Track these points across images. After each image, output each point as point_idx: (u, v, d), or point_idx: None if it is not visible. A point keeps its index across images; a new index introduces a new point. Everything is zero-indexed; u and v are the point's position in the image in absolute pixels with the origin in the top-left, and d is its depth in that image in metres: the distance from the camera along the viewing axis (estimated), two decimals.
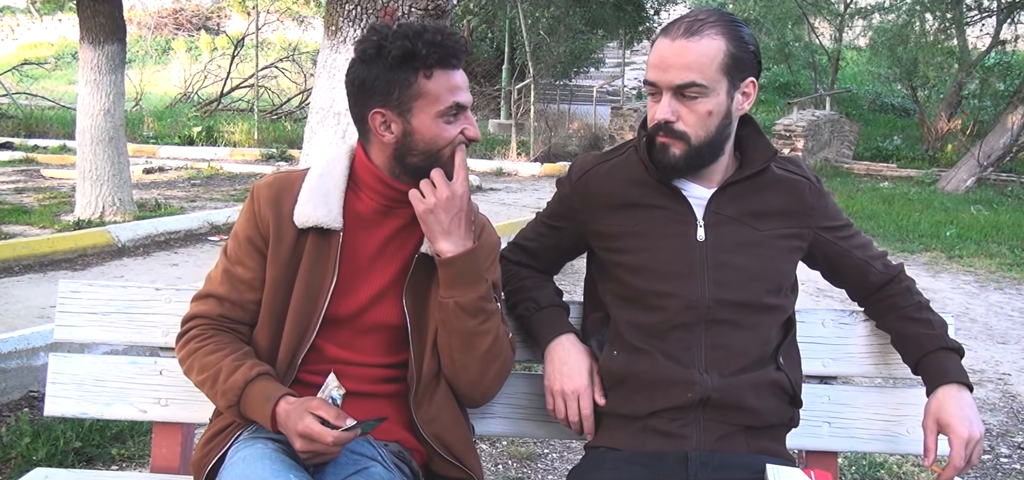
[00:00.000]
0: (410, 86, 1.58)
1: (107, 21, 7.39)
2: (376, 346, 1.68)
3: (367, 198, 1.69)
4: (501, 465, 3.26)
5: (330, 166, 1.70)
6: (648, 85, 1.62)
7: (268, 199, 1.68)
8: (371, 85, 1.59)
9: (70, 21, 19.41)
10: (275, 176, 1.73)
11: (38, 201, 8.86)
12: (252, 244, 1.68)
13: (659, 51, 1.59)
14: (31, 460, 2.92)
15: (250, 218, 1.69)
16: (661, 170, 1.64)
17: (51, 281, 5.59)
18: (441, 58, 1.58)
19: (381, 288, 1.67)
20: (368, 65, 1.59)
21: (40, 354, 3.52)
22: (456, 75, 1.62)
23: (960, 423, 1.57)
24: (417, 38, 1.56)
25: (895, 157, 15.71)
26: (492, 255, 1.76)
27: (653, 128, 1.62)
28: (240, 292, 1.68)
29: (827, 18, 18.69)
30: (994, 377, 4.52)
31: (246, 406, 1.58)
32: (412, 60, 1.57)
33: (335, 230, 1.65)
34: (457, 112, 1.63)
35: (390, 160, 1.65)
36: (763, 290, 1.65)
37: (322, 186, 1.67)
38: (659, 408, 1.63)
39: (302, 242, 1.65)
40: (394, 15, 2.87)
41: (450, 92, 1.61)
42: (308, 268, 1.65)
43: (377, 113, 1.61)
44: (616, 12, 16.74)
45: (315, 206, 1.64)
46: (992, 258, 7.66)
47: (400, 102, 1.59)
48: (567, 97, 19.76)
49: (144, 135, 15.47)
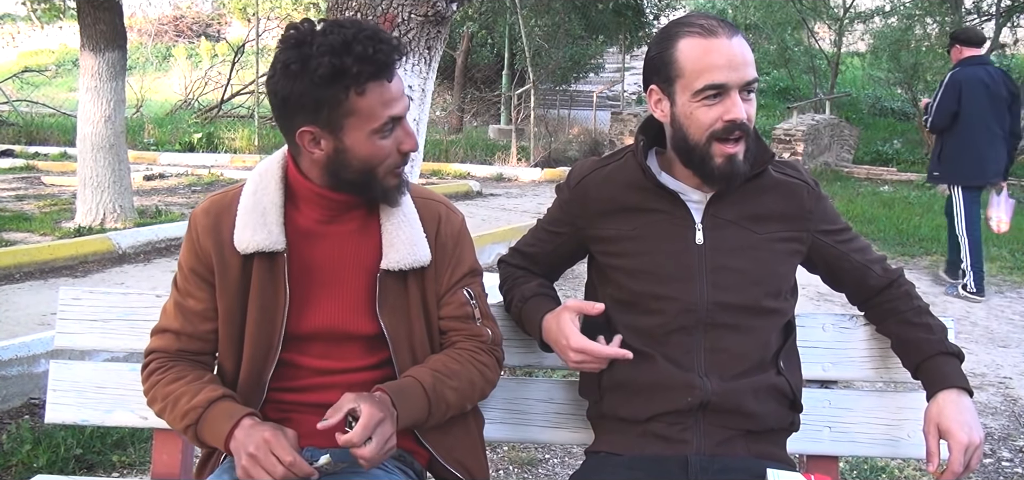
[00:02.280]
0: (340, 104, 1.47)
1: (108, 28, 7.40)
2: (356, 352, 1.63)
3: (307, 211, 1.61)
4: (502, 470, 3.26)
5: (263, 182, 1.60)
6: (711, 88, 1.53)
7: (206, 228, 1.60)
8: (297, 102, 1.47)
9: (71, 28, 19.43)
10: (210, 201, 1.64)
11: (39, 208, 8.86)
12: (198, 275, 1.61)
13: (722, 51, 1.52)
14: (32, 467, 2.92)
15: (191, 249, 1.62)
16: (724, 180, 1.59)
17: (52, 288, 5.59)
18: (374, 72, 1.46)
19: (349, 301, 1.61)
20: (293, 80, 1.46)
21: (41, 361, 3.52)
22: (391, 87, 1.50)
23: (959, 429, 1.57)
24: (346, 53, 1.44)
25: (895, 161, 15.70)
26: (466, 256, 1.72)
27: (719, 132, 1.55)
28: (194, 324, 1.62)
29: (827, 22, 18.70)
30: (995, 381, 4.52)
31: (204, 427, 1.53)
32: (341, 78, 1.45)
33: (279, 251, 1.57)
34: (393, 126, 1.52)
35: (323, 175, 1.56)
36: (762, 293, 1.65)
37: (258, 206, 1.58)
38: (659, 412, 1.63)
39: (249, 266, 1.58)
40: (394, 22, 2.88)
41: (384, 106, 1.49)
42: (259, 292, 1.58)
43: (305, 131, 1.50)
44: (616, 17, 16.75)
45: (254, 230, 1.56)
46: (993, 262, 7.64)
47: (330, 121, 1.48)
48: (567, 102, 19.77)
49: (145, 142, 15.49)
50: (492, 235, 7.25)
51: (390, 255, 1.60)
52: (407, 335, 1.63)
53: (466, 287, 1.70)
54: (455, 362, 1.64)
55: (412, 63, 2.92)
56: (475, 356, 1.67)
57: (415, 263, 1.61)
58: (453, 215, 1.73)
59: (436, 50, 2.99)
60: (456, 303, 1.68)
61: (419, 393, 1.56)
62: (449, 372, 1.62)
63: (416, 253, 1.61)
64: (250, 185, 1.61)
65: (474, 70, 21.04)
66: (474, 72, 21.05)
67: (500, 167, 14.29)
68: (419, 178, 3.23)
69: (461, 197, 10.91)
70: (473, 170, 13.87)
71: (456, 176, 13.40)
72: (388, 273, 1.60)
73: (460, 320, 1.68)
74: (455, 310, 1.68)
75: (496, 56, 20.41)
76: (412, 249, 1.61)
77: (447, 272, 1.68)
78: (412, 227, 1.62)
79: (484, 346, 1.70)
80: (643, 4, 17.46)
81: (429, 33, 2.91)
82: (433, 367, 1.61)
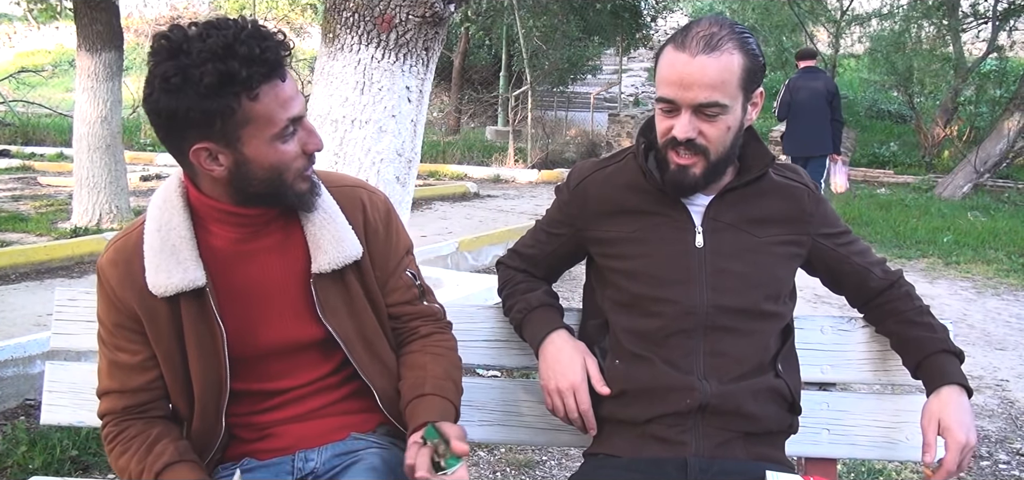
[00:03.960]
0: (233, 114, 1.34)
1: (104, 29, 7.39)
2: (312, 360, 1.59)
3: (221, 232, 1.50)
4: (499, 473, 3.26)
5: (165, 216, 1.48)
6: (663, 102, 1.56)
7: (119, 280, 1.48)
8: (184, 118, 1.33)
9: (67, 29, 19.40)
10: (114, 249, 1.50)
11: (35, 208, 8.84)
12: (125, 328, 1.50)
13: (677, 68, 1.53)
14: (27, 469, 2.91)
15: (109, 304, 1.50)
16: (677, 189, 1.62)
17: (48, 289, 5.58)
18: (265, 73, 1.35)
19: (289, 313, 1.54)
20: (175, 95, 1.32)
21: (37, 362, 3.51)
22: (285, 87, 1.38)
23: (959, 428, 1.57)
24: (230, 56, 1.31)
25: (892, 163, 15.73)
26: (399, 235, 1.67)
27: (667, 142, 1.58)
28: (132, 379, 1.51)
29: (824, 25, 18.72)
30: (992, 383, 4.52)
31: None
32: (230, 84, 1.32)
33: (201, 286, 1.46)
34: (294, 128, 1.42)
35: (228, 192, 1.44)
36: (762, 297, 1.65)
37: (166, 244, 1.46)
38: (658, 414, 1.63)
39: (177, 306, 1.47)
40: (391, 22, 2.87)
41: (282, 108, 1.38)
42: (192, 330, 1.48)
43: (200, 148, 1.38)
44: (613, 19, 16.75)
45: (169, 272, 1.44)
46: (989, 264, 7.66)
47: (225, 133, 1.36)
48: (564, 104, 19.77)
49: (141, 143, 15.44)
50: (489, 237, 7.25)
51: (319, 258, 1.52)
52: (358, 331, 1.58)
53: (407, 268, 1.66)
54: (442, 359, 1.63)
55: (409, 64, 2.92)
56: (444, 340, 1.68)
57: (347, 259, 1.54)
58: (375, 196, 1.65)
59: (433, 51, 2.99)
60: (402, 287, 1.65)
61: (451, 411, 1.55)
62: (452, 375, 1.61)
63: (345, 250, 1.54)
64: (151, 222, 1.48)
65: (471, 71, 21.03)
66: (471, 73, 21.04)
67: (497, 168, 14.30)
68: (416, 179, 3.23)
69: (458, 198, 10.90)
70: (470, 171, 13.87)
71: (453, 177, 13.40)
72: (322, 276, 1.53)
73: (410, 303, 1.66)
74: (403, 295, 1.65)
75: (494, 57, 20.41)
76: (340, 246, 1.53)
77: (385, 257, 1.62)
78: (335, 223, 1.54)
79: (441, 324, 1.70)
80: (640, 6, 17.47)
81: (427, 34, 2.91)
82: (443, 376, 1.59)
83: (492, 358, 1.92)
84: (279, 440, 1.59)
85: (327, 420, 1.61)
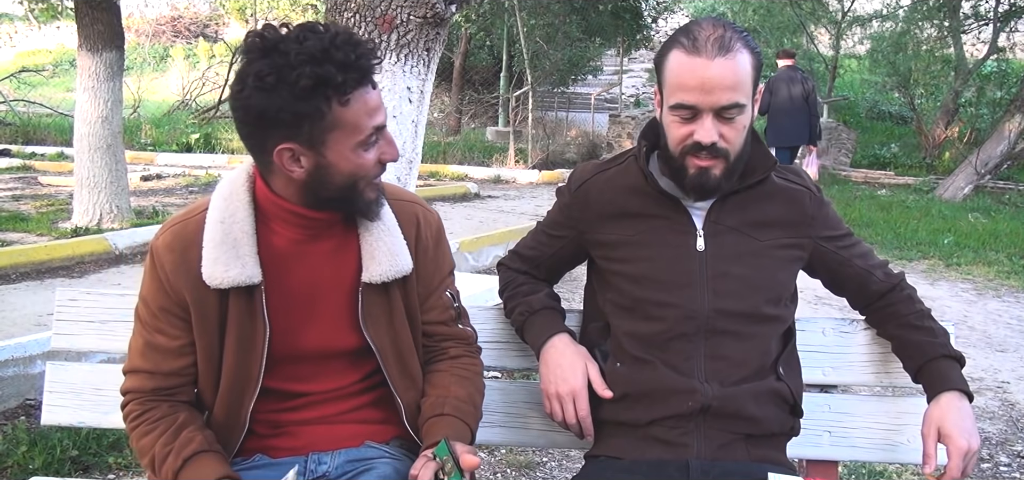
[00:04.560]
0: (323, 117, 1.36)
1: (105, 28, 7.39)
2: (342, 368, 1.59)
3: (283, 231, 1.50)
4: (500, 474, 3.25)
5: (230, 208, 1.47)
6: (683, 108, 1.54)
7: (174, 265, 1.47)
8: (274, 118, 1.34)
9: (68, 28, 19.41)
10: (172, 233, 1.50)
11: (35, 208, 8.84)
12: (169, 313, 1.49)
13: (696, 72, 1.50)
14: (28, 469, 2.91)
15: (158, 287, 1.49)
16: (699, 192, 1.60)
17: (48, 289, 5.58)
18: (358, 79, 1.36)
19: (331, 320, 1.55)
20: (268, 94, 1.33)
21: (37, 362, 3.50)
22: (374, 94, 1.40)
23: (960, 434, 1.57)
24: (327, 60, 1.32)
25: (892, 165, 15.72)
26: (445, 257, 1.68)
27: (687, 148, 1.56)
28: (167, 362, 1.51)
29: (825, 26, 18.73)
30: (993, 385, 4.52)
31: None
32: (325, 87, 1.33)
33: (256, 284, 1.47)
34: (376, 137, 1.43)
35: (300, 193, 1.45)
36: (763, 300, 1.65)
37: (228, 237, 1.45)
38: (659, 416, 1.63)
39: (226, 298, 1.47)
40: (392, 23, 2.87)
41: (369, 116, 1.40)
42: (236, 325, 1.49)
43: (285, 149, 1.38)
44: (614, 20, 16.76)
45: (227, 265, 1.44)
46: (990, 266, 7.65)
47: (312, 136, 1.37)
48: (565, 105, 19.77)
49: (142, 142, 15.45)
50: (490, 237, 7.25)
51: (371, 268, 1.53)
52: (393, 345, 1.58)
53: (447, 289, 1.67)
54: (470, 381, 1.64)
55: (411, 65, 2.92)
56: (472, 364, 1.68)
57: (397, 274, 1.54)
58: (429, 215, 1.66)
59: (434, 52, 2.99)
60: (441, 307, 1.66)
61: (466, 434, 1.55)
62: (473, 399, 1.62)
63: (398, 263, 1.54)
64: (215, 212, 1.48)
65: (472, 72, 21.04)
66: (472, 74, 21.04)
67: (498, 169, 14.29)
68: (417, 180, 3.22)
69: (459, 199, 10.90)
70: (471, 172, 13.86)
71: (454, 178, 13.39)
72: (370, 286, 1.54)
73: (445, 324, 1.67)
74: (440, 314, 1.66)
75: (494, 58, 20.42)
76: (393, 260, 1.54)
77: (429, 275, 1.63)
78: (392, 236, 1.55)
79: (471, 348, 1.71)
80: (641, 7, 17.47)
81: (428, 35, 2.91)
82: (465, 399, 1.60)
83: (493, 359, 1.92)
84: (294, 439, 1.59)
85: (345, 426, 1.61)
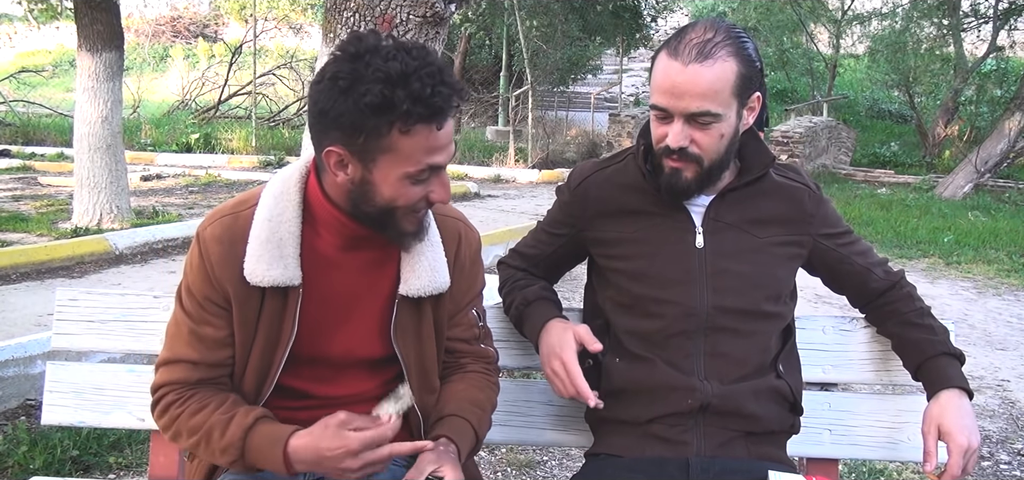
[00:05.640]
0: (380, 138, 1.34)
1: (105, 29, 7.39)
2: (362, 375, 1.58)
3: (327, 235, 1.50)
4: (500, 473, 3.26)
5: (280, 207, 1.48)
6: (656, 109, 1.56)
7: (221, 258, 1.48)
8: (335, 118, 1.34)
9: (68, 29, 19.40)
10: (222, 225, 1.50)
11: (35, 209, 8.84)
12: (214, 304, 1.50)
13: (669, 76, 1.52)
14: (28, 469, 2.91)
15: (205, 278, 1.49)
16: (670, 193, 1.61)
17: (49, 289, 5.58)
18: (425, 116, 1.33)
19: (362, 329, 1.54)
20: (337, 96, 1.33)
21: (37, 362, 3.50)
22: (440, 134, 1.36)
23: (960, 432, 1.57)
24: (401, 85, 1.30)
25: (892, 163, 15.74)
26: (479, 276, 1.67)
27: (662, 150, 1.58)
28: (215, 352, 1.51)
29: (825, 24, 18.73)
30: (993, 383, 4.52)
31: (252, 457, 1.44)
32: (389, 112, 1.31)
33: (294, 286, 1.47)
34: (429, 175, 1.40)
35: (344, 200, 1.45)
36: (762, 297, 1.65)
37: (274, 236, 1.46)
38: (659, 414, 1.63)
39: (264, 297, 1.48)
40: (392, 23, 2.87)
41: (427, 154, 1.36)
42: (267, 322, 1.49)
43: (333, 151, 1.37)
44: (613, 19, 16.77)
45: (269, 263, 1.45)
46: (990, 264, 7.66)
47: (364, 149, 1.36)
48: (565, 104, 19.79)
49: (142, 142, 15.46)
50: (490, 237, 7.25)
51: (411, 281, 1.52)
52: (419, 358, 1.58)
53: (474, 307, 1.67)
54: (480, 391, 1.63)
55: None
56: (489, 379, 1.67)
57: (436, 290, 1.54)
58: (472, 232, 1.65)
59: (434, 51, 2.99)
60: (466, 324, 1.65)
61: (470, 434, 1.55)
62: (482, 404, 1.61)
63: (437, 280, 1.53)
64: (264, 209, 1.48)
65: (472, 71, 21.06)
66: (472, 73, 21.06)
67: (498, 168, 14.30)
68: None
69: (459, 198, 10.90)
70: (471, 171, 13.87)
71: (454, 177, 13.38)
72: (405, 299, 1.53)
73: (468, 342, 1.66)
74: (464, 332, 1.65)
75: (494, 58, 20.43)
76: (433, 276, 1.53)
77: (461, 293, 1.62)
78: (434, 251, 1.54)
79: (490, 367, 1.69)
80: (641, 6, 17.48)
81: (427, 34, 2.91)
82: (472, 401, 1.59)
83: None
84: None
85: None
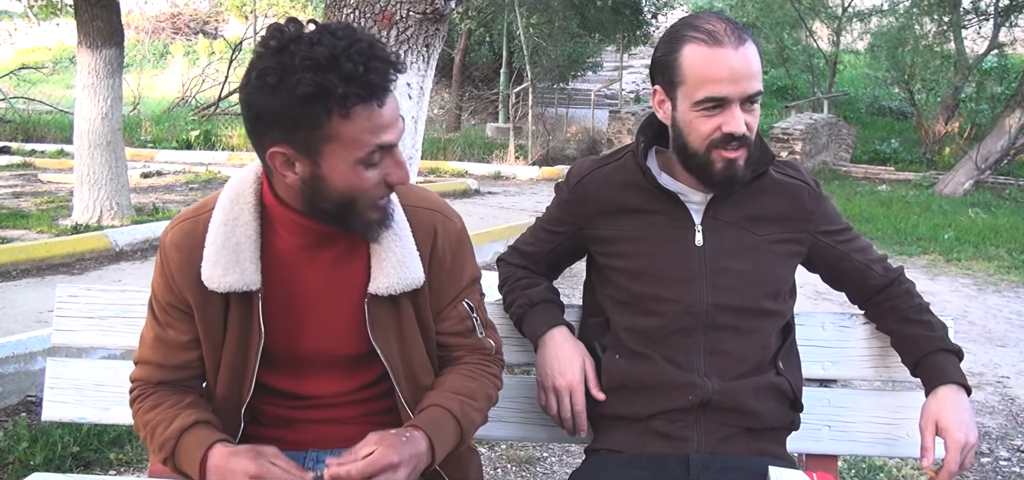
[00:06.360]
0: (321, 127, 1.29)
1: (105, 25, 7.38)
2: (347, 373, 1.55)
3: (288, 236, 1.46)
4: (500, 469, 3.26)
5: (234, 212, 1.44)
6: (711, 101, 1.52)
7: (180, 265, 1.46)
8: (271, 118, 1.30)
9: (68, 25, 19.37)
10: (181, 231, 1.48)
11: (36, 205, 8.84)
12: (176, 309, 1.49)
13: (725, 63, 1.49)
14: (29, 465, 2.91)
15: (166, 284, 1.48)
16: (725, 185, 1.59)
17: (49, 285, 5.59)
18: (363, 95, 1.28)
19: (334, 327, 1.51)
20: (268, 94, 1.28)
21: (38, 359, 3.51)
22: (383, 112, 1.31)
23: (957, 427, 1.57)
24: (331, 70, 1.25)
25: (893, 160, 15.72)
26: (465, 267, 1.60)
27: (715, 142, 1.54)
28: (177, 356, 1.50)
29: (825, 21, 18.70)
30: (993, 380, 4.52)
31: (180, 459, 1.42)
32: (324, 98, 1.26)
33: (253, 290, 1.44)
34: (381, 155, 1.35)
35: (298, 200, 1.40)
36: (762, 295, 1.65)
37: (230, 241, 1.43)
38: (660, 410, 1.63)
39: (227, 299, 1.46)
40: (392, 19, 2.87)
41: (372, 134, 1.31)
42: (235, 325, 1.47)
43: (277, 152, 1.33)
44: (614, 16, 16.74)
45: (226, 269, 1.42)
46: (990, 261, 7.66)
47: (307, 143, 1.31)
48: (565, 101, 19.77)
49: (142, 139, 15.44)
50: (490, 234, 7.25)
51: (379, 280, 1.47)
52: (403, 355, 1.53)
53: (466, 299, 1.59)
54: (471, 380, 1.56)
55: (410, 61, 2.92)
56: (486, 369, 1.61)
57: (406, 287, 1.48)
58: (450, 223, 1.58)
59: (434, 48, 2.99)
60: (456, 318, 1.58)
61: (450, 423, 1.48)
62: (470, 392, 1.54)
63: (407, 276, 1.48)
64: (220, 213, 1.45)
65: (472, 68, 21.03)
66: (472, 70, 21.04)
67: (498, 165, 14.29)
68: (417, 177, 3.23)
69: (459, 195, 10.91)
70: (471, 168, 13.86)
71: (454, 174, 13.39)
72: (377, 297, 1.48)
73: (461, 335, 1.60)
74: (455, 326, 1.59)
75: (494, 54, 20.41)
76: (402, 272, 1.47)
77: (443, 289, 1.56)
78: (403, 246, 1.49)
79: (490, 357, 1.63)
80: (641, 3, 17.45)
81: (427, 31, 2.91)
82: (455, 390, 1.52)
83: None
84: (298, 434, 1.58)
85: (349, 427, 1.57)
